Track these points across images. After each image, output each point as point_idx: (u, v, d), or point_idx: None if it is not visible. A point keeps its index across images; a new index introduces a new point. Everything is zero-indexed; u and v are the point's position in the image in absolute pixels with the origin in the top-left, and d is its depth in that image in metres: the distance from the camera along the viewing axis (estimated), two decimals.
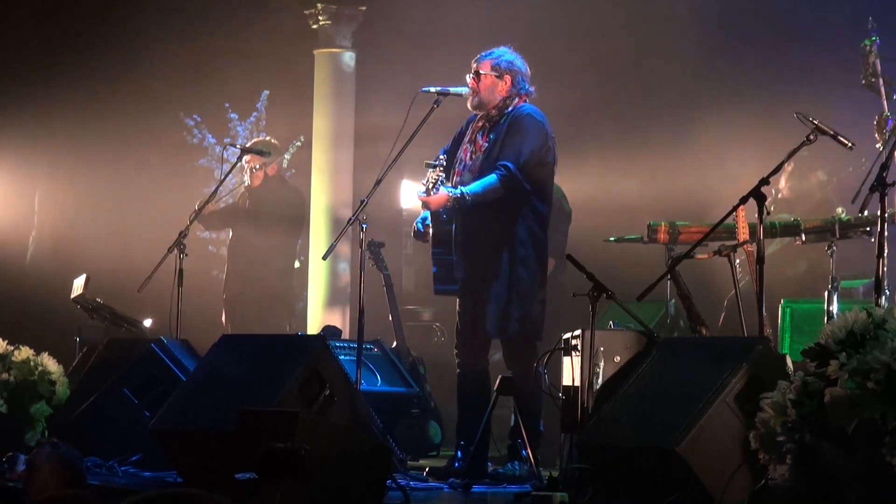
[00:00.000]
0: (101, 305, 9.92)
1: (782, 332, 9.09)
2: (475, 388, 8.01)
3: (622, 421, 6.59)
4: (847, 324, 5.64)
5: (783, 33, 11.84)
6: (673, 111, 12.12)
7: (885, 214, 6.90)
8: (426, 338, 11.97)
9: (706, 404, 6.17)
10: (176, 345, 8.41)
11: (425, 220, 8.08)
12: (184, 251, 8.93)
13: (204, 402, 7.12)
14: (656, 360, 6.83)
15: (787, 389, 5.68)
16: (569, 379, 7.48)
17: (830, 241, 8.89)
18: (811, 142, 7.26)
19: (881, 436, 5.34)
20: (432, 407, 9.78)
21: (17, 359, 8.66)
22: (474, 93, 8.00)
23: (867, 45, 9.62)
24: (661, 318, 9.84)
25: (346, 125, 13.49)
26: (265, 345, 7.73)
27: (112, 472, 7.63)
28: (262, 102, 13.66)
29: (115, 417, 8.10)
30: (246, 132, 13.50)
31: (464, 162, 8.01)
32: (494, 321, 7.85)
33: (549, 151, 7.97)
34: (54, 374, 8.75)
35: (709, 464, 6.07)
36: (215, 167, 13.20)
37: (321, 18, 13.57)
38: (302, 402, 6.82)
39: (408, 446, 8.96)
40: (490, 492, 7.52)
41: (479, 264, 7.89)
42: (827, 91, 10.44)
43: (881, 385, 5.38)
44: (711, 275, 9.64)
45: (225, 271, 11.23)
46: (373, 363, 9.41)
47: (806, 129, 7.27)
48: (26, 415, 8.57)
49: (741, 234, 8.16)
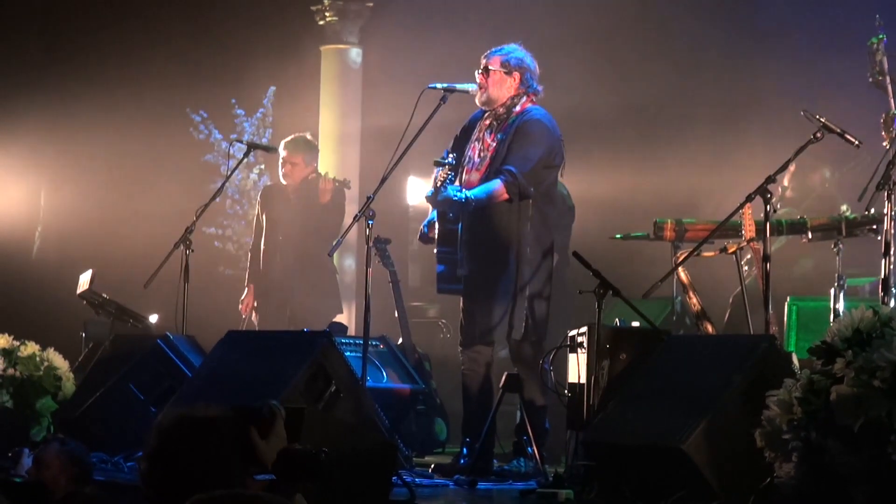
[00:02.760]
0: (107, 301, 9.92)
1: (788, 329, 9.08)
2: (480, 386, 8.02)
3: (628, 418, 6.59)
4: (853, 322, 5.64)
5: (790, 31, 11.83)
6: (680, 109, 12.12)
7: (892, 212, 6.89)
8: (432, 334, 11.97)
9: (712, 402, 6.17)
10: (182, 340, 8.42)
11: (431, 223, 8.09)
12: (190, 247, 8.91)
13: (210, 397, 7.10)
14: (662, 358, 6.83)
15: (794, 387, 5.68)
16: (574, 376, 7.48)
17: (837, 238, 8.89)
18: (818, 140, 7.26)
19: (887, 434, 5.34)
20: (438, 403, 9.78)
21: (23, 354, 8.68)
22: (482, 88, 7.99)
23: (874, 43, 9.60)
24: (666, 315, 9.83)
25: (352, 121, 13.50)
26: (271, 341, 7.73)
27: (118, 467, 7.62)
28: (269, 98, 13.65)
29: (120, 413, 8.10)
30: (252, 128, 13.51)
31: (472, 160, 8.01)
32: (499, 322, 7.86)
33: (557, 154, 7.98)
34: (60, 369, 8.77)
35: (714, 461, 6.07)
36: (222, 163, 13.19)
37: (328, 14, 13.59)
38: (308, 398, 6.83)
39: (413, 443, 8.96)
40: (495, 489, 7.52)
41: (484, 264, 7.89)
42: (834, 89, 10.42)
43: (887, 383, 5.38)
44: (718, 273, 9.63)
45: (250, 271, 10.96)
46: (378, 359, 9.40)
47: (813, 127, 7.26)
48: (32, 410, 8.59)
49: (747, 231, 8.16)
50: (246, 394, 6.74)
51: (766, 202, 6.94)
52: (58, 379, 8.69)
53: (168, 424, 3.72)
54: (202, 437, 3.70)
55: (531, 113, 7.96)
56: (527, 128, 7.90)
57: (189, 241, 8.92)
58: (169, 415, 3.77)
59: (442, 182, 7.73)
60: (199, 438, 3.69)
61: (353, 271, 13.08)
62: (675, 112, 12.14)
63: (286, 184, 10.68)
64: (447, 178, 7.75)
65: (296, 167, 10.59)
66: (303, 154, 10.60)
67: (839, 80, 10.67)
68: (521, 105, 7.99)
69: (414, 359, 9.85)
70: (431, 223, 8.10)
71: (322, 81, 13.63)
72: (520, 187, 7.78)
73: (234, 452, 3.76)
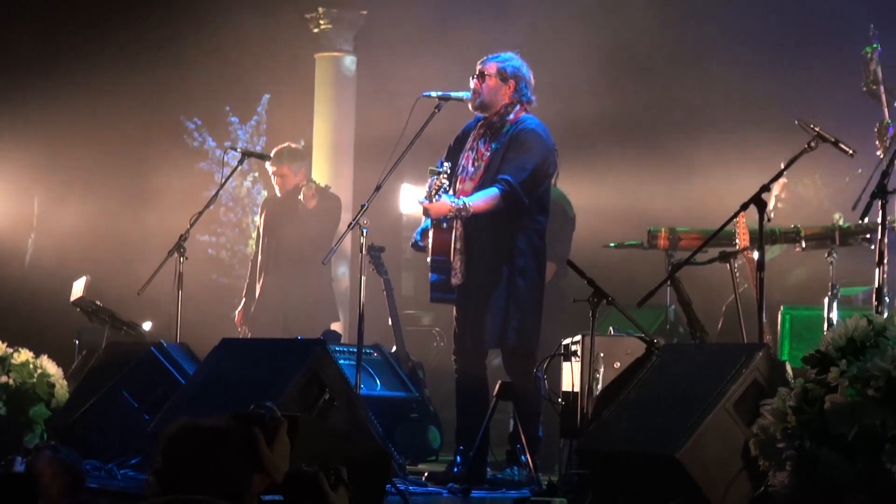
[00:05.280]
0: (101, 308, 9.92)
1: (782, 338, 9.09)
2: (474, 394, 8.02)
3: (622, 427, 6.59)
4: (847, 331, 5.64)
5: (785, 41, 11.84)
6: (674, 118, 12.13)
7: (885, 222, 6.90)
8: (426, 342, 11.97)
9: (706, 410, 6.17)
10: (176, 348, 8.41)
11: (425, 231, 8.08)
12: (184, 254, 8.92)
13: (203, 405, 7.10)
14: (656, 366, 6.84)
15: (788, 396, 5.68)
16: (569, 384, 7.49)
17: (830, 248, 8.89)
18: (812, 149, 7.25)
19: (881, 443, 5.35)
20: (431, 411, 9.78)
21: (16, 361, 8.67)
22: (476, 94, 7.99)
23: (868, 53, 9.63)
24: (660, 324, 9.84)
25: (346, 129, 13.51)
26: (265, 348, 7.72)
27: (111, 475, 7.61)
28: (263, 106, 13.66)
29: (114, 420, 8.09)
30: (246, 136, 13.51)
31: (466, 169, 8.01)
32: (492, 331, 7.86)
33: (551, 164, 7.99)
34: (53, 376, 8.75)
35: (708, 470, 6.06)
36: (216, 170, 13.20)
37: (322, 22, 13.59)
38: (302, 406, 6.82)
39: (407, 451, 8.95)
40: (489, 497, 7.51)
41: (478, 272, 7.89)
42: (828, 98, 10.44)
43: (881, 392, 5.38)
44: (711, 281, 9.64)
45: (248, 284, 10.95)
46: (372, 367, 9.40)
47: (807, 136, 7.27)
48: (25, 417, 8.58)
49: (741, 240, 8.17)
50: (240, 401, 6.70)
51: (761, 211, 6.94)
52: (51, 386, 8.68)
53: (174, 435, 3.70)
54: (209, 448, 3.68)
55: (525, 122, 7.97)
56: (522, 137, 7.90)
57: (183, 249, 8.92)
58: (175, 425, 3.75)
59: (436, 190, 7.74)
60: (206, 449, 3.68)
61: (346, 279, 13.07)
62: (669, 121, 12.15)
63: (281, 195, 10.74)
64: (441, 186, 7.75)
65: (285, 178, 10.66)
66: (288, 164, 10.66)
67: (833, 89, 10.68)
68: (515, 114, 7.99)
69: (408, 367, 9.84)
70: (424, 231, 8.09)
71: (316, 89, 13.64)
72: (516, 196, 7.79)
73: (241, 464, 3.75)
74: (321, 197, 10.51)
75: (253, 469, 3.87)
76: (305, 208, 10.49)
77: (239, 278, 11.33)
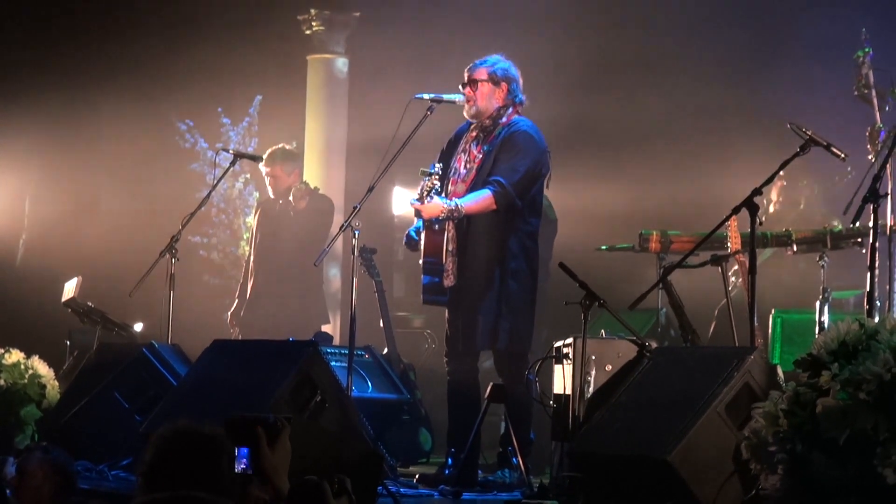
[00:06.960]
0: (92, 309, 9.91)
1: (773, 342, 9.10)
2: (465, 396, 8.02)
3: (613, 429, 6.59)
4: (839, 335, 5.65)
5: (777, 44, 11.86)
6: (666, 120, 12.13)
7: (877, 226, 6.91)
8: (417, 344, 11.96)
9: (697, 414, 6.17)
10: (167, 349, 8.41)
11: (419, 229, 8.08)
12: (175, 255, 8.92)
13: (195, 406, 7.09)
14: (648, 369, 6.84)
15: (779, 399, 5.68)
16: (560, 387, 7.48)
17: (822, 251, 8.91)
18: (804, 152, 7.26)
19: (873, 447, 5.35)
20: (423, 414, 9.77)
21: (7, 362, 8.65)
22: (470, 101, 7.99)
23: (860, 56, 9.62)
24: (652, 326, 9.84)
25: (338, 131, 13.50)
26: (256, 350, 7.72)
27: (102, 476, 7.61)
28: (255, 107, 13.64)
29: (105, 421, 8.09)
30: (238, 137, 13.50)
31: (458, 171, 8.01)
32: (484, 333, 7.86)
33: (543, 166, 7.99)
34: (45, 377, 8.73)
35: (699, 473, 6.06)
36: (207, 172, 13.18)
37: (314, 24, 13.58)
38: (293, 407, 6.82)
39: (398, 453, 8.95)
40: (480, 499, 7.51)
41: (470, 274, 7.89)
42: (819, 102, 10.45)
43: (873, 396, 5.38)
44: (702, 284, 9.65)
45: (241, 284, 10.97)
46: (364, 369, 9.40)
47: (799, 140, 7.28)
48: (16, 418, 8.55)
49: (733, 243, 8.18)
50: (231, 402, 6.72)
51: (753, 214, 6.95)
52: (42, 387, 8.66)
53: (164, 439, 3.70)
54: (199, 454, 3.68)
55: (518, 124, 7.97)
56: (515, 139, 7.91)
57: (174, 250, 8.93)
58: (165, 429, 3.74)
59: (428, 192, 7.74)
60: (196, 454, 3.68)
61: (338, 281, 13.06)
62: (661, 124, 12.15)
63: (274, 196, 10.76)
64: (433, 188, 7.75)
65: (277, 179, 10.69)
66: (280, 165, 10.68)
67: (825, 93, 10.69)
68: (508, 116, 8.00)
69: (399, 369, 9.84)
70: (419, 230, 8.09)
71: (308, 91, 13.63)
72: (508, 198, 7.79)
73: (230, 470, 3.75)
74: (311, 198, 10.52)
75: (246, 477, 3.88)
76: (296, 209, 10.50)
77: (231, 279, 11.32)
